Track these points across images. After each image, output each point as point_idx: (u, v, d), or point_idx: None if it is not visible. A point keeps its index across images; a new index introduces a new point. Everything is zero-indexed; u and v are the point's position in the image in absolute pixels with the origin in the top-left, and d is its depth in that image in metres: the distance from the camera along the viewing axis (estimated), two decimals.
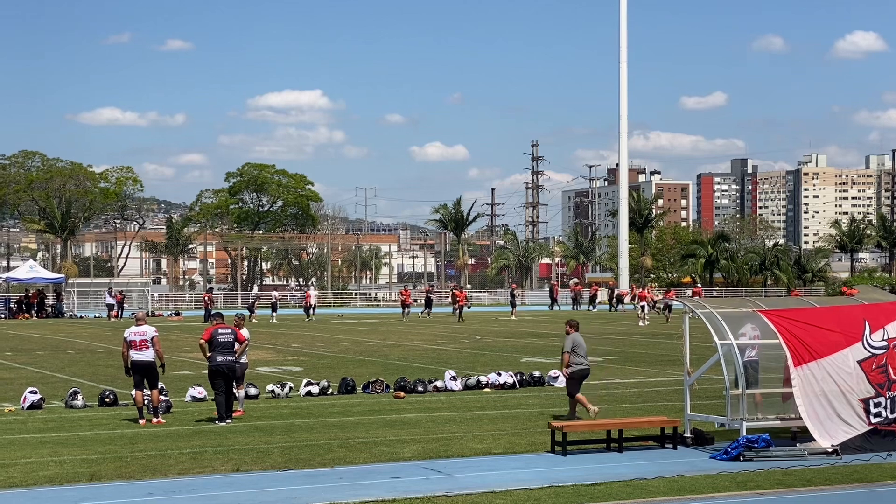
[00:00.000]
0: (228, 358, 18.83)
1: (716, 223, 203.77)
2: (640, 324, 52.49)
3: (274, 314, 58.25)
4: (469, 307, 62.15)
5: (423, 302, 66.15)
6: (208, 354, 18.93)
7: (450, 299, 66.99)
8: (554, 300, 76.77)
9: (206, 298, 59.94)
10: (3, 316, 63.80)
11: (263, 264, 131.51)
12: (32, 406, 20.71)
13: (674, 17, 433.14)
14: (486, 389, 23.99)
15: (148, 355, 18.83)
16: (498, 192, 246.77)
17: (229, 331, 19.11)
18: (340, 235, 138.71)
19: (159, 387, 19.38)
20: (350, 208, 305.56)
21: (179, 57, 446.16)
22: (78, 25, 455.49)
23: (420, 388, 23.48)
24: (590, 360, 31.80)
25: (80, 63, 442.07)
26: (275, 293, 64.43)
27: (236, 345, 19.08)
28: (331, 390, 23.23)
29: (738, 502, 12.73)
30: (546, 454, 15.64)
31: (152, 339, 18.90)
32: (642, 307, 54.57)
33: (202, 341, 19.16)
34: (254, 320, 55.56)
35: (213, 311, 20.22)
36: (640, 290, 62.96)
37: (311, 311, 59.43)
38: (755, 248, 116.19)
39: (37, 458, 15.09)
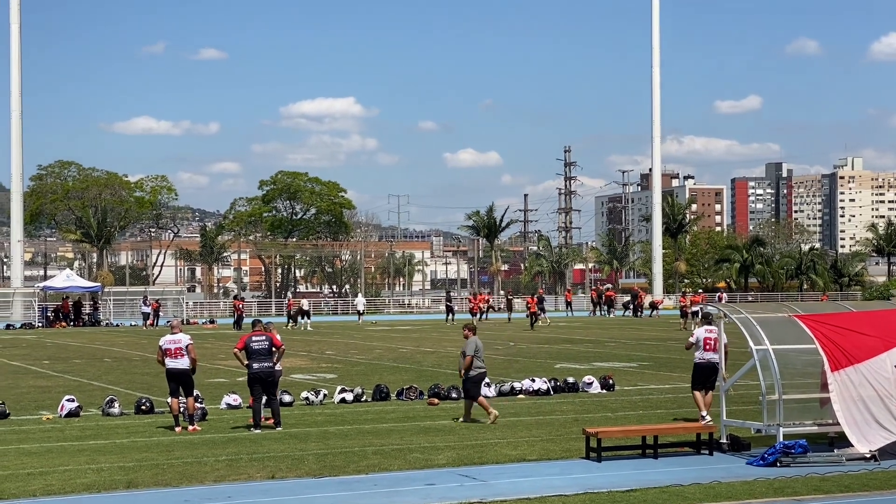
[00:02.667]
0: (265, 364, 18.87)
1: (750, 228, 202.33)
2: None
3: (308, 321, 58.54)
4: (567, 314, 60.75)
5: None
6: (245, 362, 18.98)
7: (504, 305, 67.84)
8: (597, 305, 77.18)
9: (238, 305, 60.20)
10: (40, 325, 64.41)
11: (297, 272, 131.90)
12: (70, 414, 20.88)
13: (707, 22, 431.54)
14: (521, 396, 23.96)
15: (183, 363, 18.94)
16: (531, 198, 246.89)
17: (264, 337, 19.10)
18: (373, 242, 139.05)
19: (195, 394, 19.48)
20: (383, 215, 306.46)
21: (213, 66, 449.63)
22: (112, 36, 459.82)
23: (454, 395, 23.47)
24: (623, 365, 31.92)
25: (114, 73, 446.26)
26: (304, 301, 64.78)
27: (273, 351, 19.08)
28: (365, 397, 23.27)
29: None
30: (581, 460, 15.59)
31: (187, 346, 19.01)
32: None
33: (236, 350, 19.23)
34: (289, 327, 56.09)
35: (252, 319, 20.32)
36: (684, 296, 62.11)
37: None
38: (791, 253, 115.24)
39: (75, 466, 15.20)
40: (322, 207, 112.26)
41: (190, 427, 18.78)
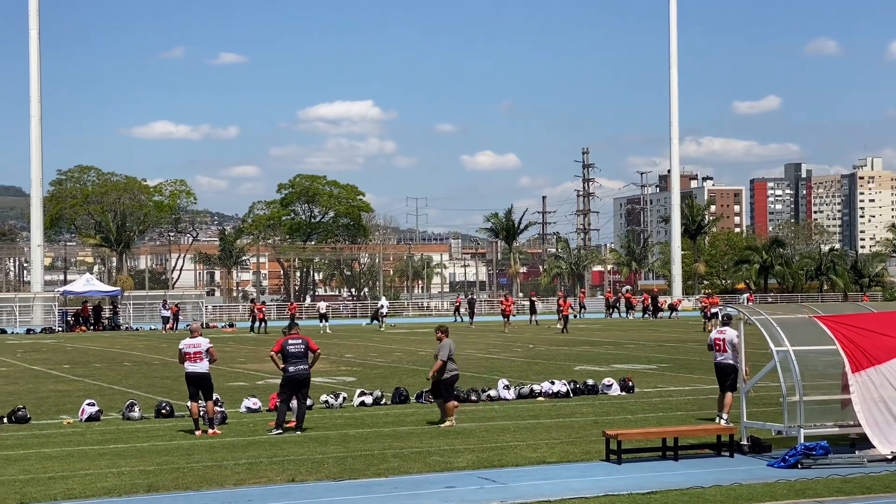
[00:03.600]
0: (300, 367, 18.87)
1: (770, 228, 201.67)
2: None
3: (326, 324, 58.68)
4: (575, 316, 60.29)
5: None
6: (281, 366, 18.98)
7: (528, 307, 68.56)
8: (612, 307, 77.07)
9: (262, 309, 60.37)
10: (60, 329, 64.76)
11: (316, 275, 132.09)
12: (90, 418, 20.96)
13: (725, 22, 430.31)
14: (540, 398, 23.91)
15: (202, 367, 18.97)
16: (549, 200, 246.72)
17: (300, 340, 19.04)
18: (392, 245, 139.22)
19: (214, 398, 19.52)
20: (401, 218, 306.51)
21: (232, 70, 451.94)
22: (131, 41, 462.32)
23: (473, 398, 23.46)
24: (642, 367, 31.85)
25: (134, 78, 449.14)
26: (322, 304, 64.94)
27: (309, 354, 19.08)
28: (384, 400, 23.28)
29: None
30: (601, 463, 15.55)
31: (207, 350, 19.06)
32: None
33: (272, 353, 19.23)
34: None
35: (288, 322, 20.44)
36: (706, 297, 62.10)
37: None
38: (810, 254, 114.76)
39: (95, 470, 15.26)
40: (340, 210, 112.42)
41: (210, 430, 18.82)
